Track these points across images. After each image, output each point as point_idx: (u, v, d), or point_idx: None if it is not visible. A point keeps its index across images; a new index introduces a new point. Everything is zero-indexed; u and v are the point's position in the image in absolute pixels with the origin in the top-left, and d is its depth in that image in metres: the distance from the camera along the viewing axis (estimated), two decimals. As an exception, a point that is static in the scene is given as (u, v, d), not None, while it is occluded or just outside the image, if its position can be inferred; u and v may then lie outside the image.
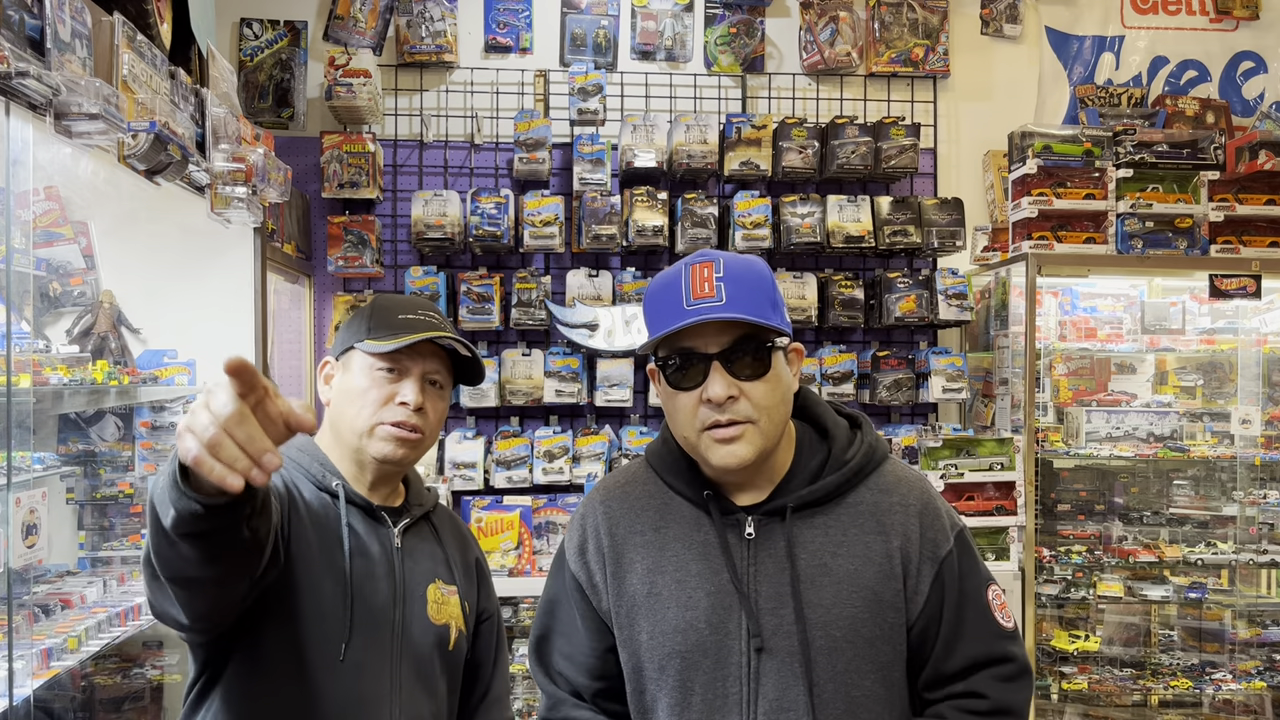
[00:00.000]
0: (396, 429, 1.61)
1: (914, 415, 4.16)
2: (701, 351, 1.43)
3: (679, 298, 1.43)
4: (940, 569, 1.49)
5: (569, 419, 4.02)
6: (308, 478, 1.64)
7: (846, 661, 1.44)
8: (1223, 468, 4.07)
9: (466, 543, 1.84)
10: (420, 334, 1.61)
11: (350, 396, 1.64)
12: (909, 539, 1.49)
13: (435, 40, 4.03)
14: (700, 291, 1.42)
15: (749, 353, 1.43)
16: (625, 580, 1.52)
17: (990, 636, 1.50)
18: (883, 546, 1.48)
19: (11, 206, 2.03)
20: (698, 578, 1.48)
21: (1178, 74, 4.51)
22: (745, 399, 1.43)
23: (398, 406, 1.62)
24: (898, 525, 1.50)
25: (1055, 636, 3.88)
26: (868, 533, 1.49)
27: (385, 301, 1.70)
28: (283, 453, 1.63)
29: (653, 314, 1.48)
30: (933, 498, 1.55)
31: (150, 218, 2.90)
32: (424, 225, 3.77)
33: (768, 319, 1.42)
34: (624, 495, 1.59)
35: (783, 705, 1.43)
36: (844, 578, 1.46)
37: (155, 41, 2.41)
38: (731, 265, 1.44)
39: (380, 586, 1.61)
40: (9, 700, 1.95)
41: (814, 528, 1.48)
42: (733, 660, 1.45)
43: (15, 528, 2.03)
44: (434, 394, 1.67)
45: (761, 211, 3.85)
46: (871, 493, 1.52)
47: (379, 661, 1.59)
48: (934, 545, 1.50)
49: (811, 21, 4.19)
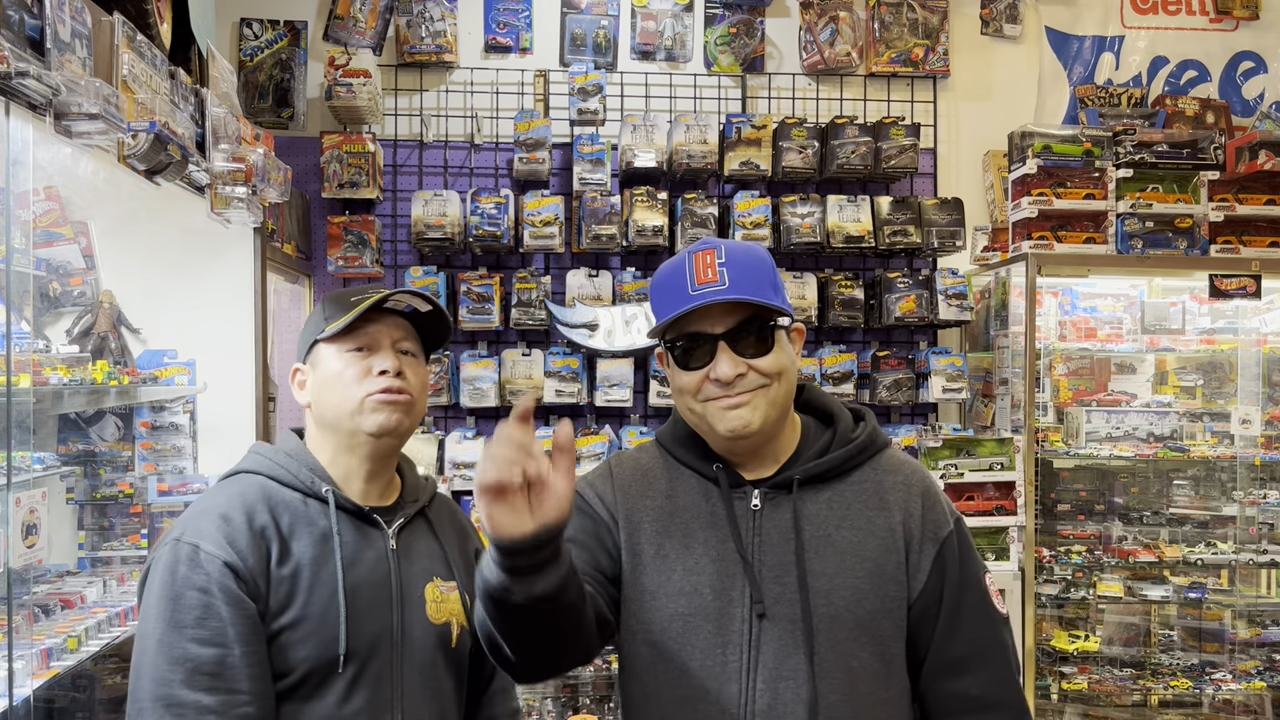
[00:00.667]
0: (384, 395, 1.60)
1: (914, 415, 4.16)
2: (708, 333, 1.48)
3: (684, 283, 1.48)
4: (942, 548, 1.53)
5: (569, 419, 4.01)
6: (295, 485, 1.62)
7: (847, 631, 1.47)
8: (1223, 468, 4.07)
9: (466, 533, 1.82)
10: (373, 298, 1.61)
11: (328, 385, 1.63)
12: (910, 515, 1.54)
13: (435, 40, 4.03)
14: (704, 276, 1.47)
15: (753, 332, 1.48)
16: (635, 535, 1.55)
17: (989, 622, 1.54)
18: (885, 521, 1.53)
19: (11, 206, 2.03)
20: (704, 544, 1.52)
21: (1178, 74, 4.51)
22: (753, 372, 1.48)
23: (378, 376, 1.61)
24: (900, 502, 1.54)
25: (1055, 636, 3.88)
26: (871, 507, 1.54)
27: (334, 294, 1.70)
28: (266, 458, 1.65)
29: (659, 300, 1.53)
30: (933, 483, 1.61)
31: (150, 218, 2.90)
32: (424, 225, 3.77)
33: (769, 300, 1.48)
34: (635, 465, 1.63)
35: (782, 673, 1.46)
36: (847, 549, 1.49)
37: (155, 41, 2.41)
38: (733, 251, 1.50)
39: (377, 593, 1.60)
40: (9, 700, 1.95)
41: (819, 501, 1.53)
42: (734, 627, 1.48)
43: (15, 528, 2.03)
44: (409, 361, 1.66)
45: (761, 211, 3.85)
46: (875, 472, 1.57)
47: (379, 669, 1.59)
48: (936, 525, 1.54)
49: (811, 21, 4.19)
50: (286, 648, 1.54)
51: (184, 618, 1.47)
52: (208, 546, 1.51)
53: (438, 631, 1.65)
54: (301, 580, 1.55)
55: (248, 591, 1.50)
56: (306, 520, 1.59)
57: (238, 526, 1.54)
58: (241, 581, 1.50)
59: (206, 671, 1.45)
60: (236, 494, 1.60)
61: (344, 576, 1.57)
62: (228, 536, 1.52)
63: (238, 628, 1.48)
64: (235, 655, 1.47)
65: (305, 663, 1.54)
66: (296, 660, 1.54)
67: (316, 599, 1.55)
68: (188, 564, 1.50)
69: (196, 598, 1.48)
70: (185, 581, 1.49)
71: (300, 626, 1.54)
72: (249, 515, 1.56)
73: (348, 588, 1.57)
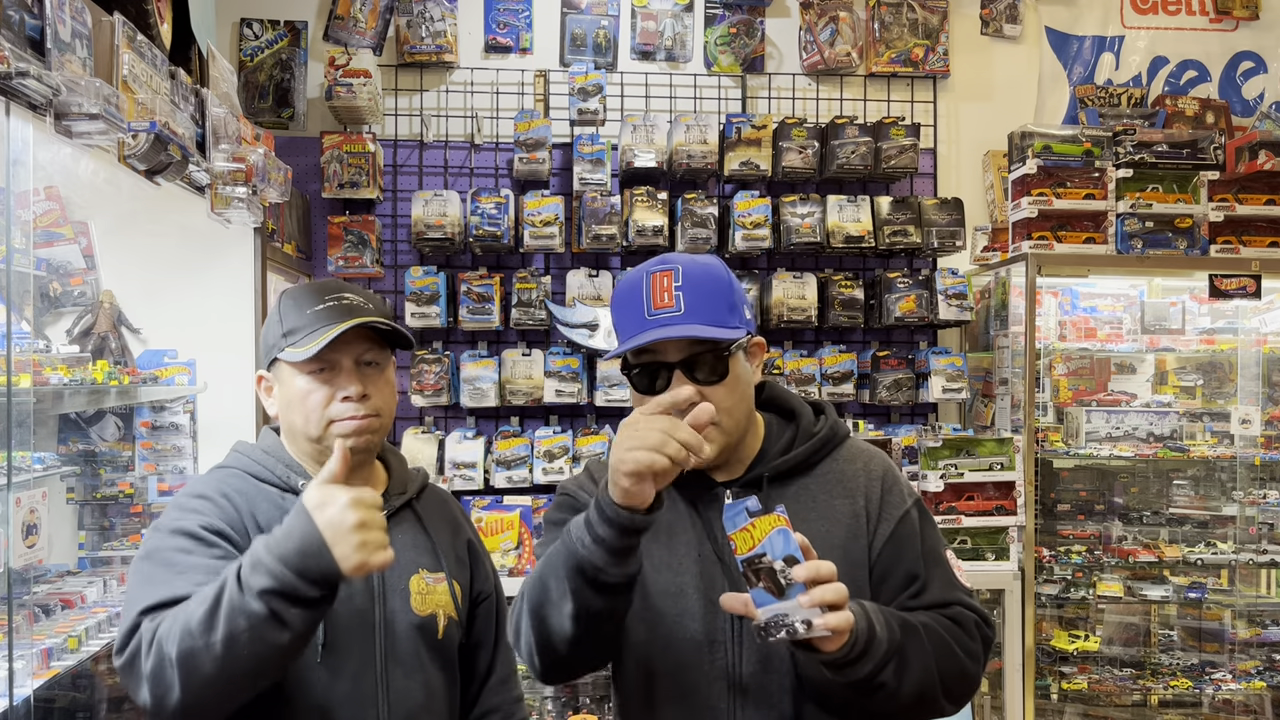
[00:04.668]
0: (349, 423, 1.60)
1: (914, 415, 4.16)
2: (663, 360, 1.51)
3: (640, 306, 1.50)
4: (898, 526, 1.58)
5: (569, 419, 4.02)
6: (273, 480, 1.63)
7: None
8: (1222, 468, 4.07)
9: (457, 524, 1.82)
10: (335, 327, 1.57)
11: (293, 405, 1.62)
12: (870, 499, 1.59)
13: (435, 40, 4.03)
14: (660, 301, 1.49)
15: (708, 362, 1.50)
16: None
17: (952, 588, 1.59)
18: (849, 507, 1.59)
19: (12, 206, 2.03)
20: (686, 545, 1.57)
21: (1178, 74, 4.51)
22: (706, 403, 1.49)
23: (342, 403, 1.60)
24: (861, 487, 1.60)
25: (1055, 636, 3.88)
26: (836, 497, 1.59)
27: (293, 298, 1.66)
28: (246, 455, 1.67)
29: (618, 319, 1.56)
30: (891, 467, 1.67)
31: (150, 218, 2.90)
32: (424, 225, 3.77)
33: (725, 324, 1.49)
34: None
35: (768, 667, 1.51)
36: (817, 538, 1.50)
37: (155, 41, 2.41)
38: (690, 272, 1.51)
39: (355, 585, 1.59)
40: (9, 700, 1.95)
41: (787, 495, 1.56)
42: (719, 625, 1.53)
43: (15, 528, 2.03)
44: (373, 374, 1.64)
45: (761, 211, 3.85)
46: (838, 463, 1.63)
47: (362, 661, 1.59)
48: (893, 505, 1.60)
49: (811, 21, 4.19)
50: None
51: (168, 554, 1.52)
52: (190, 521, 1.55)
53: (422, 623, 1.66)
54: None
55: (228, 547, 1.54)
56: (284, 511, 1.59)
57: (219, 504, 1.58)
58: (223, 538, 1.54)
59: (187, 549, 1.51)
60: (215, 481, 1.65)
61: None
62: (209, 510, 1.57)
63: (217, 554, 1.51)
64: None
65: None
66: None
67: None
68: (167, 532, 1.55)
69: (182, 541, 1.53)
70: (167, 537, 1.54)
71: None
72: (228, 497, 1.60)
73: None
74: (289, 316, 1.63)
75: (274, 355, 1.64)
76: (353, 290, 1.67)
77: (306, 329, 1.60)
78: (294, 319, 1.62)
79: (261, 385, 1.71)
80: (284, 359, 1.62)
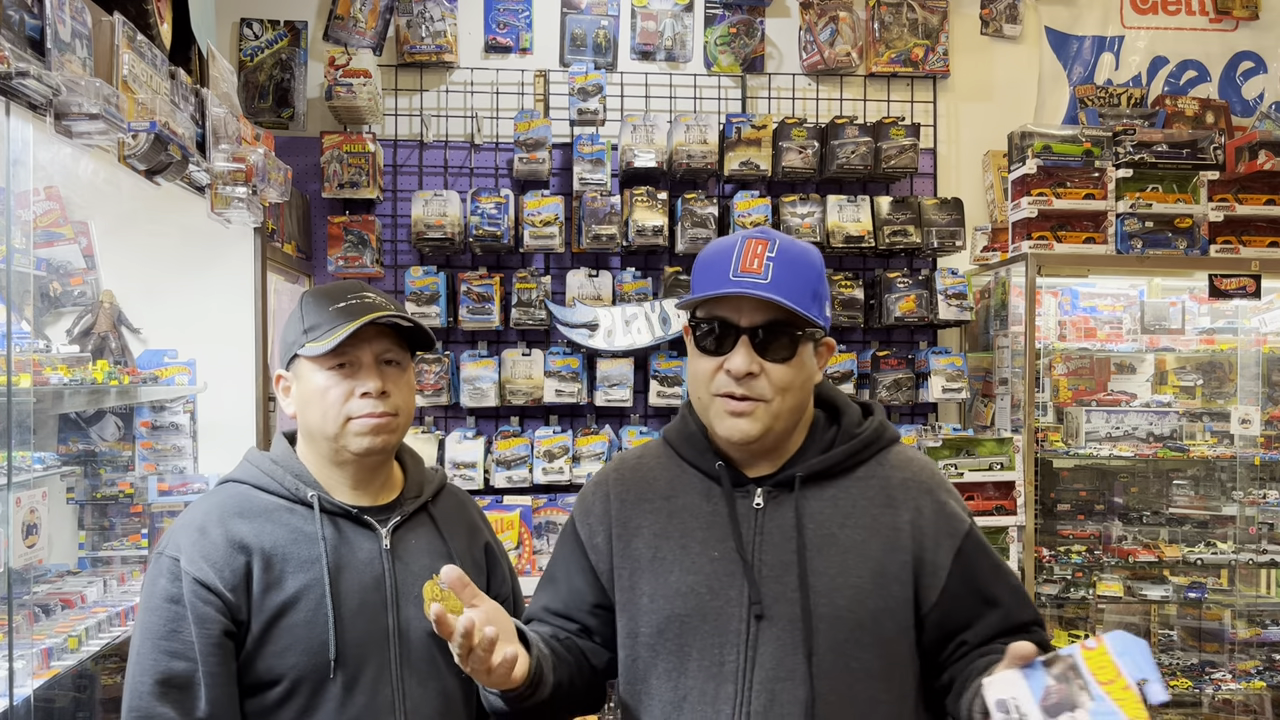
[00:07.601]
0: (367, 420, 1.59)
1: (914, 415, 4.17)
2: (734, 323, 1.45)
3: (727, 266, 1.45)
4: (964, 543, 1.51)
5: (569, 419, 4.02)
6: (280, 492, 1.62)
7: (847, 632, 1.45)
8: (1222, 468, 4.07)
9: (475, 527, 1.80)
10: (355, 321, 1.56)
11: (311, 402, 1.61)
12: (921, 513, 1.51)
13: (435, 40, 4.03)
14: (749, 265, 1.44)
15: (779, 335, 1.45)
16: (631, 543, 1.55)
17: (1026, 603, 1.54)
18: (891, 519, 1.50)
19: (12, 206, 2.03)
20: (703, 544, 1.50)
21: (1177, 74, 4.51)
22: (765, 378, 1.45)
23: (361, 399, 1.59)
24: (908, 500, 1.51)
25: (1055, 636, 3.88)
26: (876, 505, 1.51)
27: (314, 297, 1.66)
28: (255, 466, 1.65)
29: (699, 276, 1.51)
30: (943, 479, 1.58)
31: (150, 218, 2.90)
32: (424, 225, 3.77)
33: (806, 308, 1.44)
34: (637, 465, 1.63)
35: (779, 674, 1.44)
36: (850, 548, 1.47)
37: (155, 41, 2.41)
38: (786, 247, 1.47)
39: (368, 596, 1.59)
40: (9, 700, 1.95)
41: (822, 499, 1.50)
42: (731, 627, 1.46)
43: (15, 527, 2.03)
44: (393, 373, 1.63)
45: (761, 211, 3.85)
46: (882, 468, 1.54)
47: (377, 671, 1.58)
48: (951, 521, 1.52)
49: (811, 21, 4.19)
50: (272, 656, 1.53)
51: (159, 629, 1.51)
52: (184, 562, 1.54)
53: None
54: (285, 588, 1.55)
55: (218, 608, 1.52)
56: (290, 527, 1.59)
57: (214, 540, 1.55)
58: (213, 596, 1.52)
59: (176, 685, 1.49)
60: (216, 505, 1.61)
61: (330, 581, 1.56)
62: (203, 551, 1.54)
63: (202, 644, 1.50)
64: (199, 673, 1.50)
65: (294, 670, 1.53)
66: (284, 668, 1.53)
67: (302, 606, 1.54)
68: (167, 577, 1.54)
69: (170, 610, 1.52)
70: (163, 594, 1.53)
71: (285, 635, 1.54)
72: (227, 527, 1.57)
73: (335, 592, 1.56)
74: (310, 314, 1.63)
75: (294, 352, 1.63)
76: (374, 290, 1.67)
77: (327, 324, 1.59)
78: (315, 316, 1.62)
79: (280, 385, 1.69)
80: (304, 354, 1.61)
